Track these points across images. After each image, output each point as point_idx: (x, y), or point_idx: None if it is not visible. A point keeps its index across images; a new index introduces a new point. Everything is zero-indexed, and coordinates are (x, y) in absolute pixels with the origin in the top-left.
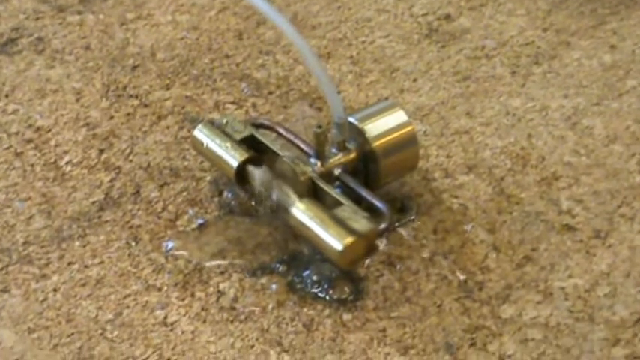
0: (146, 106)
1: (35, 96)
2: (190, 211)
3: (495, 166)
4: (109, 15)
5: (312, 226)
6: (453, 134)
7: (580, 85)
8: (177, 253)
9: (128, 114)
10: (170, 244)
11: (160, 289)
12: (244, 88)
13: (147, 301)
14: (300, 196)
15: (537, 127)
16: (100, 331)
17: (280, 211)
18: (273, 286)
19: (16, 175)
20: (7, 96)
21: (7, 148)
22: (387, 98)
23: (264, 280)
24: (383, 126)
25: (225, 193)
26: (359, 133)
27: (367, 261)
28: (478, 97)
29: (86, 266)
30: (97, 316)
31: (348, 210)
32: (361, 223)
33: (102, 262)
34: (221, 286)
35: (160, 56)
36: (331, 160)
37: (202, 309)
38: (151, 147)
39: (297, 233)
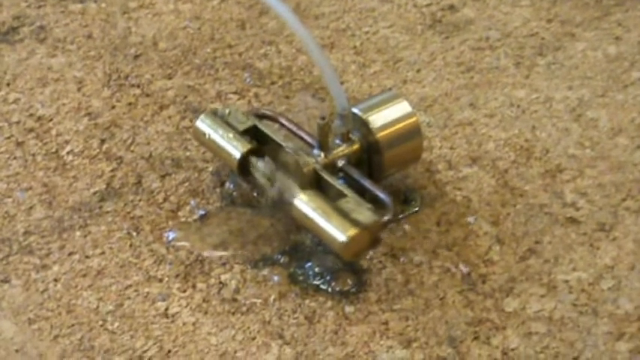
0: (148, 95)
1: (36, 85)
2: (192, 202)
3: (499, 158)
4: (110, 4)
5: (315, 218)
6: (457, 125)
7: (585, 76)
8: (178, 244)
9: (130, 103)
10: (171, 235)
11: (161, 281)
12: (247, 78)
13: (148, 293)
14: (303, 188)
15: (541, 118)
16: (100, 323)
17: (283, 202)
18: (275, 277)
19: (17, 164)
20: (8, 85)
21: (8, 138)
22: (390, 89)
23: (265, 271)
24: (387, 117)
25: (227, 184)
26: (362, 124)
27: (370, 253)
28: (482, 89)
29: (87, 257)
30: (97, 307)
31: (351, 201)
32: (364, 214)
33: (103, 253)
34: (222, 277)
35: (162, 45)
36: (334, 151)
37: (204, 300)
38: (152, 137)
39: (299, 225)
